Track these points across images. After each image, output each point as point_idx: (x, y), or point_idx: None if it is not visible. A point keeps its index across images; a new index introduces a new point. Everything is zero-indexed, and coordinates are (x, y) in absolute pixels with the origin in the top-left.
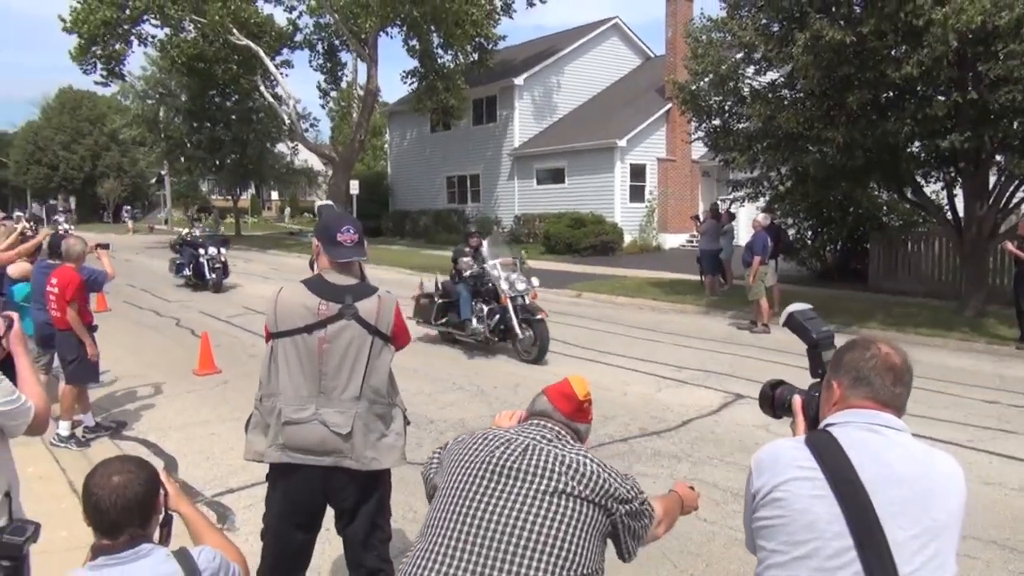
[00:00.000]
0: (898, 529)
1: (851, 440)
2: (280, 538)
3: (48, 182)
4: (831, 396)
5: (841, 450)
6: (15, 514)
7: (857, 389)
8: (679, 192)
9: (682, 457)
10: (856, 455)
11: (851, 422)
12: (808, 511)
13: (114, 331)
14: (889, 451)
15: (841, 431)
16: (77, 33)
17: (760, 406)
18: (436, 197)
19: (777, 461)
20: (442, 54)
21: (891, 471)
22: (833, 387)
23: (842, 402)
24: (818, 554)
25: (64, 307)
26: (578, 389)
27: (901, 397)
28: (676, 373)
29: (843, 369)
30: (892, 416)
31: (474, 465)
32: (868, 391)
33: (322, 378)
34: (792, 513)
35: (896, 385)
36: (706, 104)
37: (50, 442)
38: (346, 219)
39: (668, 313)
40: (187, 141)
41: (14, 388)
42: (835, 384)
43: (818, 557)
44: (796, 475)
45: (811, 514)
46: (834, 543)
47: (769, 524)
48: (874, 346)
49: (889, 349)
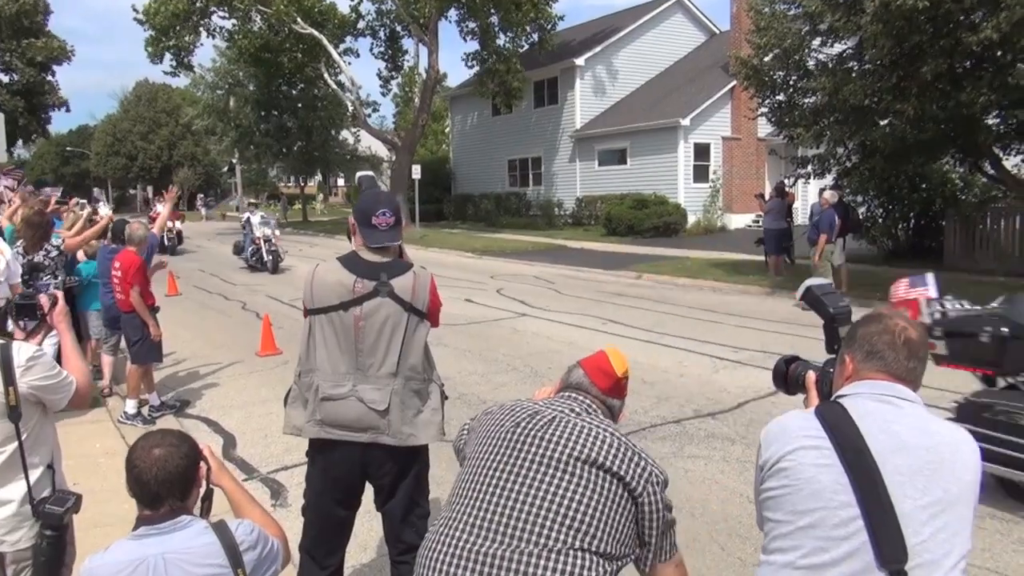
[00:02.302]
0: (906, 499)
1: (861, 410)
2: (320, 514)
3: (127, 172)
4: (844, 370)
5: (850, 419)
6: (58, 485)
7: (870, 362)
8: (744, 171)
9: (736, 439)
10: (865, 424)
11: (862, 393)
12: (814, 479)
13: (183, 314)
14: (899, 421)
15: (851, 401)
16: (149, 25)
17: (773, 382)
18: (498, 181)
19: (784, 431)
20: (501, 36)
21: (900, 441)
22: (846, 361)
23: (855, 375)
24: (824, 523)
25: (127, 289)
26: (616, 365)
27: (916, 371)
28: (734, 354)
29: (857, 343)
30: (905, 388)
31: (499, 436)
32: (881, 364)
33: (358, 355)
34: (798, 482)
35: (911, 359)
36: (770, 79)
37: (118, 419)
38: (383, 200)
39: (731, 294)
40: (255, 130)
41: (55, 363)
42: (848, 358)
43: (824, 526)
44: (803, 444)
45: (817, 483)
46: (840, 512)
47: (775, 495)
48: (889, 320)
49: (905, 323)
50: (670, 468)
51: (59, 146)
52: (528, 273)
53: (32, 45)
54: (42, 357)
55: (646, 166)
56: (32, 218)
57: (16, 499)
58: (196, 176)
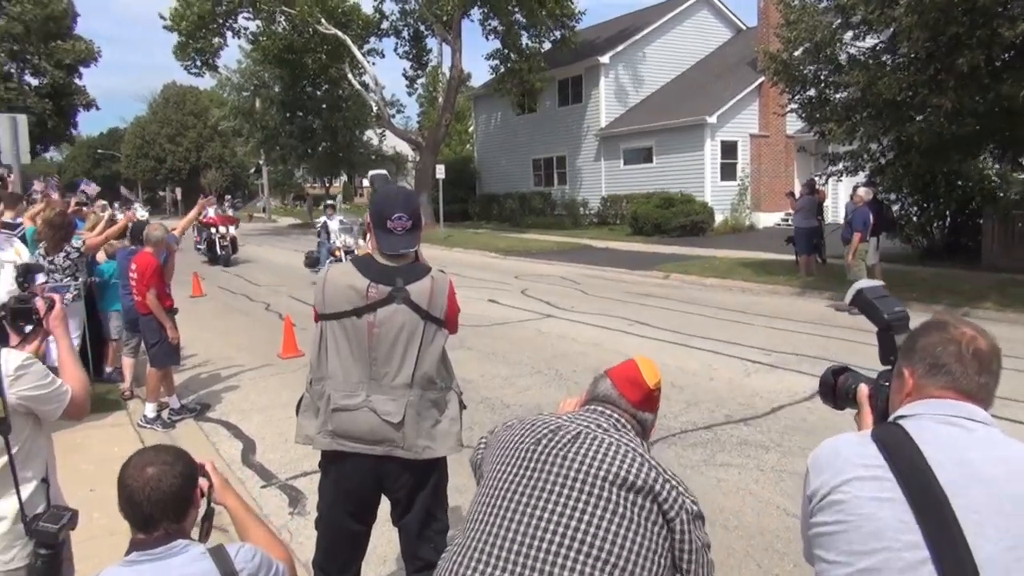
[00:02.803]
0: (984, 540)
1: (926, 434)
2: (333, 528)
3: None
4: (903, 386)
5: (914, 446)
6: (53, 500)
7: (934, 378)
8: (773, 169)
9: (770, 447)
10: (932, 452)
11: (926, 414)
12: (874, 516)
13: (206, 315)
14: (972, 447)
15: (914, 424)
16: (177, 31)
17: (820, 395)
18: (522, 180)
19: (837, 458)
20: (524, 35)
21: (974, 471)
22: (905, 375)
23: (916, 392)
24: (888, 567)
25: (144, 291)
26: (647, 375)
27: (987, 387)
28: (766, 357)
29: (917, 355)
30: (976, 407)
31: (517, 454)
32: (947, 380)
33: (372, 364)
34: (855, 518)
35: (981, 374)
36: (800, 74)
37: (137, 423)
38: (399, 201)
39: (760, 294)
40: (281, 131)
41: (48, 372)
42: (907, 372)
43: (888, 570)
44: (859, 474)
45: (877, 520)
46: (906, 555)
47: (829, 531)
48: (954, 328)
49: (973, 332)
50: (701, 477)
51: (90, 148)
52: (553, 273)
53: (59, 47)
54: (32, 366)
55: (672, 164)
56: (53, 219)
57: (8, 516)
58: (224, 178)
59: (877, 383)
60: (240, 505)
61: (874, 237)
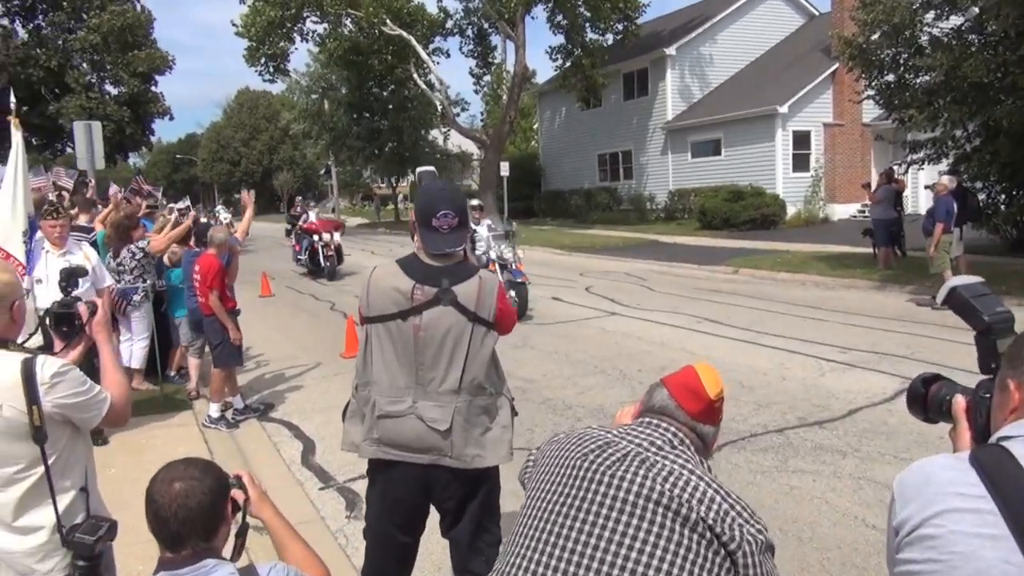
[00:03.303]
0: None
1: None
2: (380, 538)
3: (231, 177)
4: (1007, 400)
5: (1022, 472)
6: (94, 509)
7: None
8: (848, 159)
9: (847, 452)
10: None
11: None
12: (974, 556)
13: (273, 315)
14: None
15: (1021, 446)
16: (247, 37)
17: (908, 407)
18: (588, 176)
19: (928, 485)
20: (588, 30)
21: None
22: (1010, 388)
23: (1022, 408)
24: None
25: (206, 293)
26: (708, 384)
27: None
28: (842, 355)
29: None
30: None
31: (562, 473)
32: None
33: (418, 369)
34: (951, 557)
35: None
36: (877, 58)
37: (202, 424)
38: (445, 199)
39: (835, 289)
40: (348, 132)
41: (86, 379)
42: (1013, 385)
43: None
44: (955, 505)
45: (978, 560)
46: None
47: (918, 570)
48: None
49: None
50: (772, 484)
51: (170, 153)
52: (619, 270)
53: (136, 57)
54: (69, 373)
55: (742, 156)
56: (117, 221)
57: (47, 525)
58: (295, 179)
59: (976, 395)
60: (278, 519)
61: (958, 228)
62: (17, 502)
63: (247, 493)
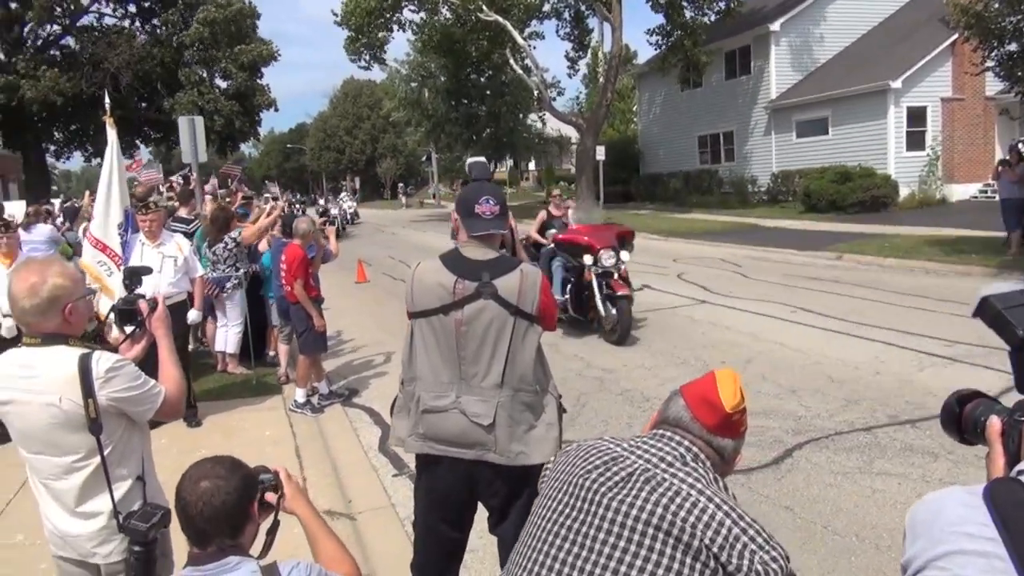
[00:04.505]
0: None
1: None
2: (428, 533)
3: (337, 165)
4: None
5: None
6: (150, 498)
7: None
8: (969, 136)
9: (940, 454)
10: None
11: None
12: None
13: (367, 301)
14: None
15: None
16: (346, 26)
17: (942, 427)
18: (687, 158)
19: (937, 522)
20: (687, 7)
21: None
22: None
23: None
24: None
25: (291, 281)
26: (725, 395)
27: None
28: (946, 349)
29: None
30: None
31: (565, 490)
32: None
33: (461, 363)
34: None
35: None
36: (997, 27)
37: (289, 408)
38: (486, 189)
39: (947, 276)
40: (447, 119)
41: (139, 373)
42: None
43: None
44: (962, 547)
45: None
46: None
47: None
48: None
49: None
50: (853, 486)
51: (281, 143)
52: (714, 256)
53: (242, 50)
54: (124, 368)
55: (850, 135)
56: (215, 213)
57: (105, 512)
58: (398, 167)
59: (1011, 417)
60: (312, 515)
61: None
62: (78, 489)
63: (282, 490)
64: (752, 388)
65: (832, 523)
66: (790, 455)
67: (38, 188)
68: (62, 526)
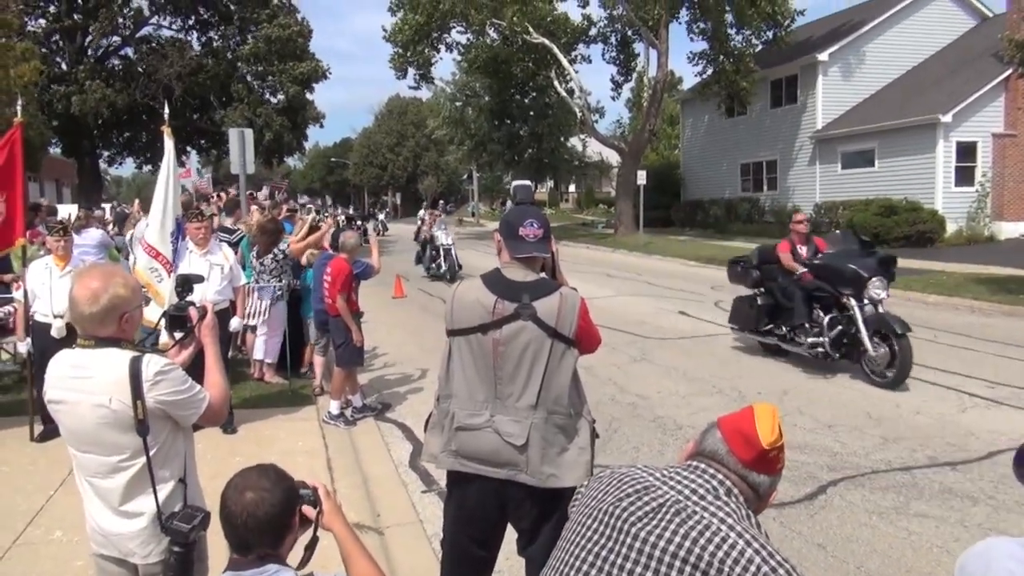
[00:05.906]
0: None
1: None
2: (456, 550)
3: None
4: None
5: None
6: (191, 500)
7: None
8: (1020, 173)
9: (980, 498)
10: None
11: None
12: None
13: (403, 316)
14: None
15: None
16: (394, 43)
17: (1014, 468)
18: (729, 186)
19: (988, 567)
20: (733, 35)
21: None
22: None
23: None
24: None
25: (335, 294)
26: (763, 431)
27: None
28: (989, 390)
29: None
30: None
31: (596, 517)
32: None
33: (497, 383)
34: None
35: None
36: None
37: (323, 420)
38: (530, 212)
39: (993, 316)
40: (489, 138)
41: (186, 378)
42: None
43: None
44: None
45: None
46: None
47: None
48: None
49: None
50: (889, 527)
51: (325, 157)
52: None
53: (296, 66)
54: (171, 372)
55: (897, 168)
56: (265, 224)
57: (147, 512)
58: (439, 184)
59: None
60: (348, 533)
61: None
62: (123, 488)
63: (320, 506)
64: (788, 421)
65: (866, 564)
66: (824, 492)
67: (90, 193)
68: (105, 524)
